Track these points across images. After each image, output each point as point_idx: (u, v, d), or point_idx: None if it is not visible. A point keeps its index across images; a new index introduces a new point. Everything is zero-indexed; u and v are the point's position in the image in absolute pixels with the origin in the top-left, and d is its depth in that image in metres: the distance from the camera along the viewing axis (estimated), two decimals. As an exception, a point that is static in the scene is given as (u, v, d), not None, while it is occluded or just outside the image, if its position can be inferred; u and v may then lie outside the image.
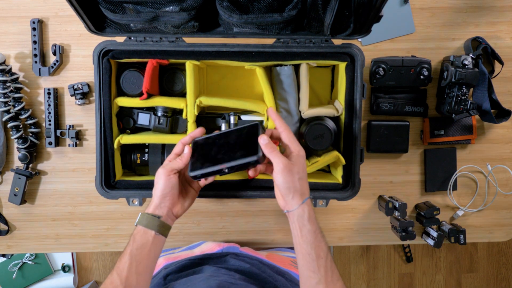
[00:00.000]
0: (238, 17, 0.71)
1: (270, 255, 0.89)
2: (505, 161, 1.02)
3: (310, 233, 0.61)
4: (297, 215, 0.62)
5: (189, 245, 0.97)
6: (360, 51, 0.80)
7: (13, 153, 0.99)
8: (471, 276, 1.96)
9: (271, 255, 0.89)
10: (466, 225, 1.02)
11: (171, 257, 0.89)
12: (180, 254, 0.90)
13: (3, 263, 1.77)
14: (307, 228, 0.61)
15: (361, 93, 0.81)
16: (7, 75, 0.92)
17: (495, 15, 0.98)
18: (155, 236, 0.63)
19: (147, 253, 0.62)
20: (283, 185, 0.62)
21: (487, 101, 0.94)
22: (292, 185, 0.62)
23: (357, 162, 0.82)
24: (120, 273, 0.60)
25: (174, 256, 0.89)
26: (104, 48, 0.79)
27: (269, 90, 0.82)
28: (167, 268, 0.81)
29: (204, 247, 0.92)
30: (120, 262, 0.61)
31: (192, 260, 0.82)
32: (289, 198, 0.62)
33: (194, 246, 0.95)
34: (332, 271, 0.60)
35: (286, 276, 0.80)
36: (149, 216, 0.64)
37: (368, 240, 1.04)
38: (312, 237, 0.61)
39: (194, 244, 0.97)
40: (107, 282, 0.59)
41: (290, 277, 0.81)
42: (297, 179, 0.62)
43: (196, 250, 0.92)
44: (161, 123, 0.85)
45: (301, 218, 0.61)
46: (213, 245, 0.92)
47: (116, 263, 0.62)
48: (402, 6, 0.97)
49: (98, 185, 0.81)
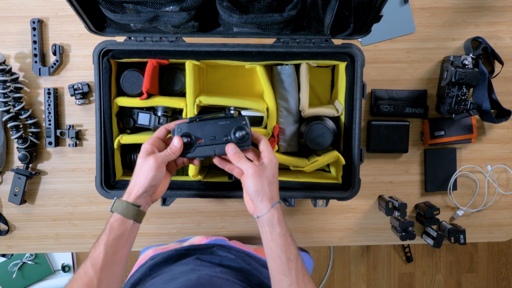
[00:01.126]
0: (238, 17, 0.71)
1: (258, 249, 0.89)
2: (505, 161, 1.02)
3: (280, 237, 0.62)
4: (267, 219, 0.63)
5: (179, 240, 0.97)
6: (360, 51, 0.80)
7: (13, 153, 0.99)
8: (471, 276, 1.96)
9: (259, 249, 0.89)
10: (466, 225, 1.02)
11: (159, 248, 0.89)
12: (168, 246, 0.90)
13: (3, 263, 1.77)
14: (277, 231, 0.62)
15: (361, 93, 0.81)
16: (7, 75, 0.92)
17: (495, 15, 0.98)
18: (132, 225, 0.63)
19: (123, 243, 0.61)
20: (252, 188, 0.63)
21: (487, 101, 0.94)
22: (261, 189, 0.63)
23: (357, 162, 0.82)
24: (94, 263, 0.59)
25: (162, 248, 0.89)
26: (104, 48, 0.79)
27: (270, 89, 0.82)
28: (153, 259, 0.81)
29: (193, 240, 0.93)
30: (94, 252, 0.60)
31: (178, 251, 0.82)
32: (258, 201, 0.64)
33: (184, 240, 0.96)
34: (303, 273, 0.61)
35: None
36: (129, 205, 0.63)
37: (368, 240, 1.04)
38: (282, 240, 0.62)
39: (185, 238, 0.97)
40: (81, 272, 0.59)
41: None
42: (267, 184, 0.63)
43: (185, 243, 0.92)
44: (161, 123, 0.85)
45: (271, 222, 0.63)
46: (201, 238, 0.92)
47: (89, 252, 0.61)
48: (402, 6, 0.97)
49: (98, 185, 0.81)
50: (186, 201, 1.01)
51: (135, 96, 0.83)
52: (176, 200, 0.88)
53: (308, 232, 1.03)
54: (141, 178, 0.64)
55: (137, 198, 0.63)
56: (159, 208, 1.00)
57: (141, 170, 0.64)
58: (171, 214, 1.01)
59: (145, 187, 0.63)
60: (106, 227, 0.62)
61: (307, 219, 1.03)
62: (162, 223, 1.02)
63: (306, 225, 1.03)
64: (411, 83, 1.00)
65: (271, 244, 0.62)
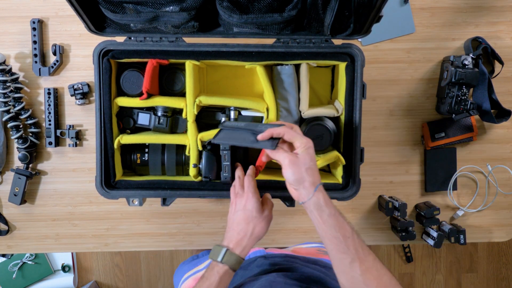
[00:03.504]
0: (238, 17, 0.71)
1: (295, 250, 0.90)
2: (505, 161, 1.02)
3: (330, 217, 0.62)
4: (313, 203, 0.63)
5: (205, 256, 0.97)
6: (360, 51, 0.79)
7: (13, 153, 0.99)
8: (471, 276, 1.96)
9: (296, 250, 0.90)
10: (466, 225, 1.02)
11: (198, 276, 0.87)
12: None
13: (3, 263, 1.77)
14: (326, 212, 0.62)
15: (361, 93, 0.80)
16: (7, 75, 0.92)
17: (495, 15, 0.98)
18: (231, 273, 0.65)
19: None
20: (292, 177, 0.64)
21: (487, 101, 0.94)
22: (300, 177, 0.63)
23: (357, 162, 0.82)
24: None
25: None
26: (104, 48, 0.79)
27: (270, 89, 0.82)
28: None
29: None
30: None
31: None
32: (301, 189, 0.64)
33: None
34: (362, 247, 0.61)
35: (319, 263, 0.81)
36: (238, 257, 0.65)
37: (368, 240, 1.04)
38: (334, 220, 0.62)
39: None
40: None
41: (323, 264, 0.81)
42: (304, 170, 0.64)
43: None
44: (161, 123, 0.85)
45: (318, 205, 0.63)
46: None
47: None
48: (402, 6, 0.97)
49: (98, 185, 0.81)
50: (186, 201, 1.01)
51: (135, 96, 0.83)
52: (176, 200, 0.88)
53: (308, 232, 1.03)
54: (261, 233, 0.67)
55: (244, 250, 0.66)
56: (159, 208, 1.00)
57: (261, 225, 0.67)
58: (171, 214, 1.01)
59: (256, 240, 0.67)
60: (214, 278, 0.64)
61: (308, 219, 1.02)
62: (162, 223, 1.02)
63: (306, 225, 1.03)
64: (411, 83, 1.00)
65: (323, 226, 0.62)
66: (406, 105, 1.00)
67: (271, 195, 0.80)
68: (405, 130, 1.01)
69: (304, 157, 0.64)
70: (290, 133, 0.66)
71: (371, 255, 0.61)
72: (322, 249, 0.91)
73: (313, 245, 0.96)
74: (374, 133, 1.01)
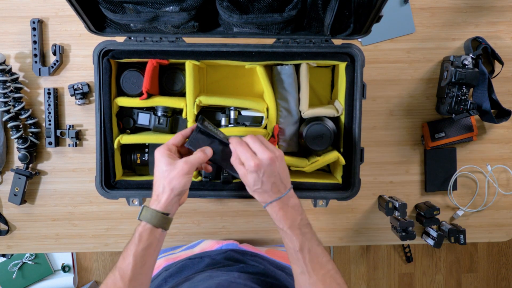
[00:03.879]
0: (238, 17, 0.71)
1: (270, 251, 0.89)
2: (505, 161, 1.02)
3: (282, 232, 0.64)
4: (269, 212, 0.66)
5: (189, 245, 0.97)
6: (360, 51, 0.80)
7: (13, 153, 0.99)
8: (471, 276, 1.96)
9: (270, 251, 0.89)
10: (466, 225, 1.02)
11: (170, 257, 0.88)
12: (179, 254, 0.90)
13: (3, 263, 1.77)
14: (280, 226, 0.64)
15: (361, 93, 0.80)
16: (7, 75, 0.92)
17: (495, 15, 0.98)
18: (161, 234, 0.62)
19: (152, 252, 0.61)
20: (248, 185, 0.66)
21: (487, 101, 0.94)
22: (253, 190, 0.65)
23: (357, 162, 0.82)
24: (123, 275, 0.58)
25: (174, 257, 0.88)
26: (104, 48, 0.79)
27: (270, 89, 0.82)
28: (167, 270, 0.80)
29: (203, 245, 0.92)
30: (123, 262, 0.59)
31: (192, 259, 0.82)
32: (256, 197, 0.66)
33: (194, 245, 0.95)
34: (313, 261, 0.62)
35: (287, 271, 0.81)
36: (158, 213, 0.62)
37: (368, 240, 1.04)
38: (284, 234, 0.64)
39: (194, 243, 0.97)
40: (109, 283, 0.59)
41: (290, 272, 0.81)
42: (252, 192, 0.66)
43: (196, 249, 0.92)
44: (161, 123, 0.85)
45: (272, 216, 0.65)
46: (213, 242, 0.92)
47: (118, 262, 0.60)
48: (402, 6, 0.97)
49: (98, 185, 0.81)
50: (186, 201, 1.01)
51: (135, 96, 0.83)
52: (176, 200, 0.88)
53: (308, 232, 1.03)
54: (173, 183, 0.62)
55: (167, 205, 0.63)
56: (159, 208, 1.00)
57: (171, 175, 0.62)
58: (171, 214, 1.01)
59: (175, 193, 0.63)
60: (134, 236, 0.61)
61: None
62: (162, 223, 1.01)
63: (306, 225, 1.03)
64: (411, 83, 1.00)
65: (281, 233, 0.65)
66: (406, 105, 1.00)
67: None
68: (405, 130, 1.01)
69: (248, 180, 0.64)
70: (241, 150, 0.65)
71: (323, 270, 0.62)
72: None
73: None
74: (374, 133, 1.01)
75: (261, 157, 0.63)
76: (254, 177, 0.63)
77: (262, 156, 0.63)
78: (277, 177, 0.64)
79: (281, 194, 0.65)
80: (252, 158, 0.63)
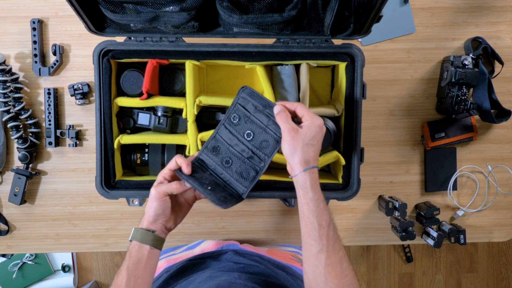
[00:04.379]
0: (238, 17, 0.71)
1: (270, 251, 0.89)
2: (505, 161, 1.02)
3: (312, 202, 0.62)
4: (300, 182, 0.63)
5: (189, 245, 0.97)
6: (360, 51, 0.80)
7: (13, 153, 0.99)
8: (471, 276, 1.96)
9: (271, 251, 0.89)
10: (466, 225, 1.02)
11: (171, 259, 0.88)
12: (180, 255, 0.90)
13: (3, 263, 1.77)
14: (310, 196, 0.62)
15: (361, 93, 0.81)
16: (7, 75, 0.92)
17: (495, 15, 0.98)
18: (150, 251, 0.64)
19: (143, 267, 0.63)
20: (285, 149, 0.64)
21: (487, 101, 0.94)
22: (293, 151, 0.63)
23: (357, 162, 0.82)
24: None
25: (175, 258, 0.88)
26: (104, 48, 0.79)
27: (270, 89, 0.82)
28: (168, 271, 0.80)
29: (204, 245, 0.92)
30: (117, 278, 0.62)
31: (192, 260, 0.82)
32: (292, 163, 0.64)
33: (194, 246, 0.95)
34: (334, 241, 0.61)
35: (287, 270, 0.80)
36: (143, 231, 0.65)
37: (368, 240, 1.04)
38: (315, 206, 0.62)
39: (194, 244, 0.97)
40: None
41: (291, 271, 0.81)
42: (300, 146, 0.63)
43: (196, 250, 0.92)
44: (161, 123, 0.85)
45: (304, 185, 0.62)
46: (213, 243, 0.92)
47: (114, 279, 0.63)
48: (402, 6, 0.97)
49: (98, 185, 0.81)
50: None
51: (135, 96, 0.83)
52: (176, 200, 0.88)
53: (308, 232, 1.03)
54: (148, 207, 0.66)
55: (149, 224, 0.66)
56: (159, 208, 1.00)
57: (149, 201, 0.66)
58: (171, 214, 1.01)
59: (152, 215, 0.66)
60: (126, 254, 0.64)
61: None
62: (162, 223, 1.01)
63: (306, 225, 1.03)
64: (411, 83, 1.00)
65: (303, 207, 0.62)
66: (406, 105, 1.00)
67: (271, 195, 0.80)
68: (405, 130, 1.01)
69: (306, 132, 0.63)
70: (303, 106, 0.66)
71: (341, 252, 0.61)
72: (297, 255, 0.92)
73: (290, 249, 0.96)
74: (374, 133, 1.01)
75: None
76: (314, 132, 0.63)
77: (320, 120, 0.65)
78: (319, 147, 0.65)
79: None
80: (317, 116, 0.64)
